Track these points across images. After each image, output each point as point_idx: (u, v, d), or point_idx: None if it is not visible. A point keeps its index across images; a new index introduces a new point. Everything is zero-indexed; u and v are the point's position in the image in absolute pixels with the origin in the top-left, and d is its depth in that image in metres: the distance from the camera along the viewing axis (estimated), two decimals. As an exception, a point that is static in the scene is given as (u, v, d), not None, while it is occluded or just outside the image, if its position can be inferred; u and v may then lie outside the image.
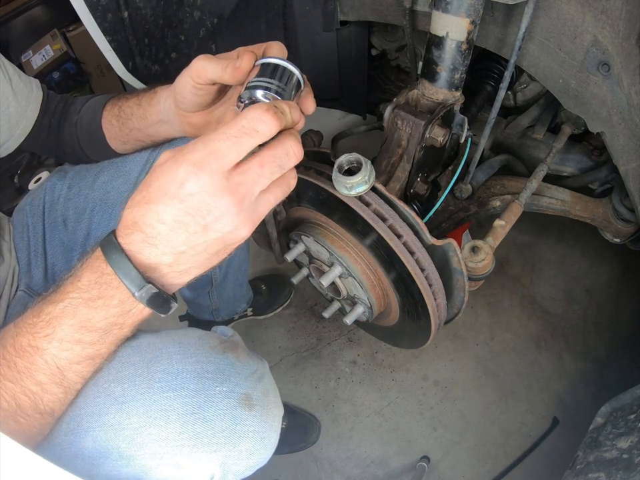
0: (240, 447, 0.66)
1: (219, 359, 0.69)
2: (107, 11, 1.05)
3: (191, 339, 0.72)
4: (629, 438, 0.78)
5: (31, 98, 0.95)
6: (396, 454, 1.46)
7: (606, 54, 0.80)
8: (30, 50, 2.21)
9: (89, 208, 1.00)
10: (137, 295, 0.53)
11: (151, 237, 0.51)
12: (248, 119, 0.48)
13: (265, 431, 0.69)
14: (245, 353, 0.75)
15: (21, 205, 1.05)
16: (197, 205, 0.49)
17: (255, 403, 0.69)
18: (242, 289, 1.54)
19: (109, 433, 0.62)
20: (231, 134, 0.48)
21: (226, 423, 0.65)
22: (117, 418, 0.62)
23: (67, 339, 0.54)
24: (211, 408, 0.64)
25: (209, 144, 0.48)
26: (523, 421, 1.48)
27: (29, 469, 0.42)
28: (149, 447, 0.62)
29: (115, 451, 0.62)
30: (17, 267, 0.98)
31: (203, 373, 0.66)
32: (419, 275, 0.87)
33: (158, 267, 0.54)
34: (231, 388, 0.67)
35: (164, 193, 0.49)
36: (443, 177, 1.14)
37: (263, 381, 0.73)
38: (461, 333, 1.64)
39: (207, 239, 0.52)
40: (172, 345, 0.69)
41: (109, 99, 0.93)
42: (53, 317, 0.55)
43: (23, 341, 0.55)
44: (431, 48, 0.89)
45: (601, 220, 1.16)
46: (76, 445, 0.62)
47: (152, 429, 0.62)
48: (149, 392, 0.64)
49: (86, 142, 0.98)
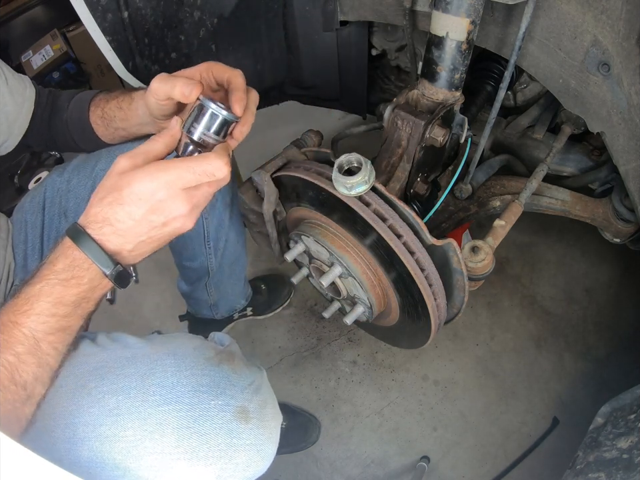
0: (236, 460, 0.66)
1: (215, 371, 0.70)
2: (107, 11, 1.05)
3: (187, 349, 0.72)
4: (629, 438, 0.78)
5: (26, 95, 0.98)
6: (396, 454, 1.46)
7: (606, 54, 0.80)
8: (30, 50, 2.21)
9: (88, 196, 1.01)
10: (107, 273, 0.64)
11: (120, 230, 0.64)
12: (211, 165, 0.64)
13: (262, 444, 0.69)
14: (242, 363, 0.75)
15: (21, 203, 1.07)
16: (162, 207, 0.64)
17: (251, 415, 0.69)
18: (240, 284, 1.54)
19: (104, 444, 0.63)
20: (195, 171, 0.63)
21: (222, 436, 0.66)
22: (113, 430, 0.63)
23: (44, 313, 0.62)
24: (206, 422, 0.65)
25: (179, 172, 0.63)
26: (523, 421, 1.48)
27: (28, 469, 0.42)
28: (145, 460, 0.62)
29: (111, 462, 0.62)
30: (13, 262, 1.00)
31: (198, 386, 0.67)
32: (419, 275, 0.87)
33: (121, 252, 0.66)
34: (226, 401, 0.68)
35: (137, 197, 0.62)
36: (443, 177, 1.14)
37: (259, 392, 0.73)
38: (461, 333, 1.64)
39: (162, 231, 0.66)
40: (167, 357, 0.70)
41: (92, 97, 0.98)
42: (31, 296, 0.62)
43: (3, 318, 0.61)
44: (431, 48, 0.89)
45: (600, 220, 1.16)
46: (73, 453, 0.62)
47: (147, 442, 0.63)
48: (143, 405, 0.64)
49: (79, 137, 1.01)
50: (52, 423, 0.64)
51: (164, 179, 0.62)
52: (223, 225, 1.22)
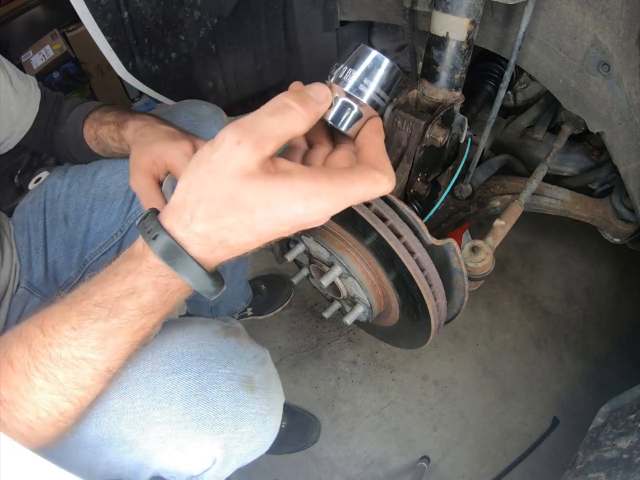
0: (242, 429, 0.67)
1: (222, 342, 0.71)
2: (107, 11, 1.05)
3: (194, 324, 0.73)
4: (629, 438, 0.78)
5: (30, 96, 0.97)
6: (396, 454, 1.46)
7: (606, 54, 0.80)
8: (30, 50, 2.20)
9: (89, 204, 1.02)
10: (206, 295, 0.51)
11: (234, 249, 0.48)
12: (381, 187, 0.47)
13: (267, 414, 0.70)
14: (247, 338, 0.76)
15: (22, 204, 1.06)
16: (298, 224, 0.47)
17: (257, 385, 0.70)
18: (241, 287, 1.54)
19: (112, 418, 0.62)
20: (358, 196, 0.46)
21: (228, 404, 0.66)
22: (121, 402, 0.63)
23: (122, 346, 0.52)
24: (213, 389, 0.65)
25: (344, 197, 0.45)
26: (523, 421, 1.48)
27: (28, 469, 0.42)
28: (152, 431, 0.63)
29: (118, 436, 0.62)
30: (18, 263, 1.00)
31: (206, 355, 0.67)
32: (419, 275, 0.87)
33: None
34: (233, 370, 0.68)
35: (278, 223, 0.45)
36: (443, 177, 1.14)
37: (264, 365, 0.74)
38: (461, 333, 1.64)
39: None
40: (175, 330, 0.70)
41: (85, 117, 0.94)
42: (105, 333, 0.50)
43: (62, 353, 0.50)
44: (431, 48, 0.89)
45: (600, 220, 1.16)
46: (79, 433, 0.62)
47: (155, 411, 0.63)
48: (153, 375, 0.64)
49: (75, 151, 1.00)
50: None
51: (321, 208, 0.44)
52: None
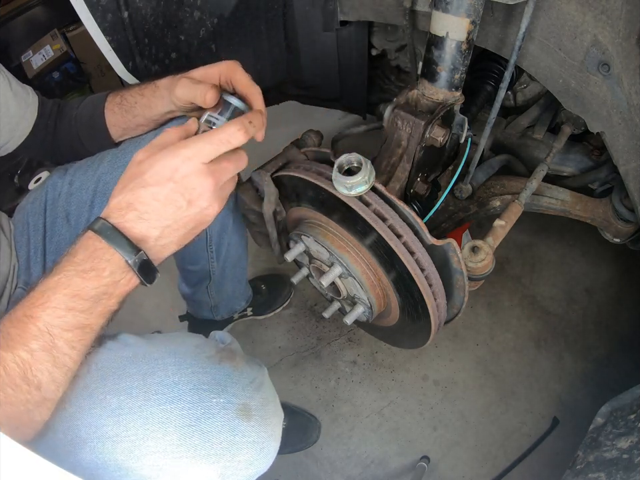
0: (239, 458, 0.66)
1: (216, 369, 0.70)
2: (107, 11, 1.05)
3: (188, 347, 0.72)
4: (629, 438, 0.78)
5: (29, 100, 0.99)
6: (396, 454, 1.46)
7: (606, 54, 0.80)
8: (30, 50, 2.20)
9: (90, 200, 1.02)
10: (130, 261, 0.61)
11: (144, 213, 0.63)
12: (225, 132, 0.65)
13: (264, 441, 0.69)
14: (243, 360, 0.75)
15: (22, 204, 1.06)
16: (186, 184, 0.63)
17: (253, 413, 0.69)
18: (241, 286, 1.54)
19: (106, 444, 0.62)
20: (213, 142, 0.64)
21: (224, 434, 0.65)
22: (115, 430, 0.63)
23: (60, 306, 0.59)
24: (208, 420, 0.65)
25: (198, 145, 0.64)
26: (523, 421, 1.48)
27: (28, 469, 0.42)
28: (148, 459, 0.62)
29: (113, 463, 0.62)
30: (17, 264, 1.00)
31: (200, 384, 0.67)
32: (419, 275, 0.87)
33: (146, 239, 0.64)
34: (228, 399, 0.67)
35: (160, 176, 0.62)
36: (443, 177, 1.14)
37: (261, 389, 0.73)
38: (461, 333, 1.64)
39: (189, 213, 0.65)
40: (168, 356, 0.69)
41: (109, 92, 1.00)
42: (47, 288, 0.60)
43: (18, 312, 0.59)
44: (430, 48, 0.89)
45: (601, 220, 1.16)
46: (74, 456, 0.62)
47: (150, 441, 0.62)
48: (146, 404, 0.64)
49: (85, 134, 1.02)
50: (53, 425, 0.64)
51: (184, 154, 0.63)
52: (226, 229, 1.22)
